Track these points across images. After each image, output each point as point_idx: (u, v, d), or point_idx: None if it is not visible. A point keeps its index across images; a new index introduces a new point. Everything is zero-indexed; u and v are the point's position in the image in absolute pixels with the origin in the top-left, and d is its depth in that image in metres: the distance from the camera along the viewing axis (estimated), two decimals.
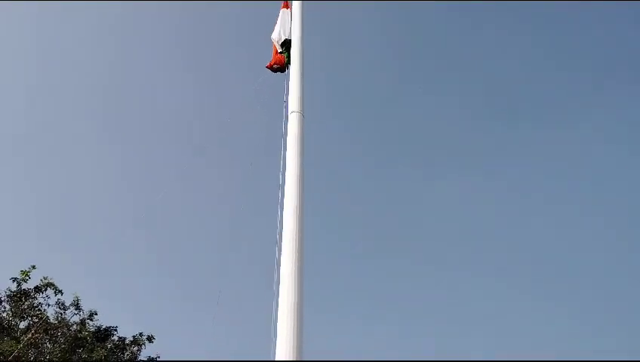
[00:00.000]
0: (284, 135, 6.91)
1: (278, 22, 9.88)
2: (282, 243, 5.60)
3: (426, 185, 38.46)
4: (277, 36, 9.55)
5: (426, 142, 39.41)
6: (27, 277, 16.71)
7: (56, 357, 15.83)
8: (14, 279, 16.60)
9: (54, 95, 39.88)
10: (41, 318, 16.47)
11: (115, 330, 17.54)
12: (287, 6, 10.01)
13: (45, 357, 15.88)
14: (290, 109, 6.96)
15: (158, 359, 17.59)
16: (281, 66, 9.04)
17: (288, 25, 9.33)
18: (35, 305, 16.67)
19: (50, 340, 16.47)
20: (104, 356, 16.37)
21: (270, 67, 9.21)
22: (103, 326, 17.37)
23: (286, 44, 9.14)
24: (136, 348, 17.46)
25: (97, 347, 16.62)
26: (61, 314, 16.88)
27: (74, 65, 40.91)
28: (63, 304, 16.92)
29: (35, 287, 16.74)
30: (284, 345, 4.79)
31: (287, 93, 7.38)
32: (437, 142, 38.80)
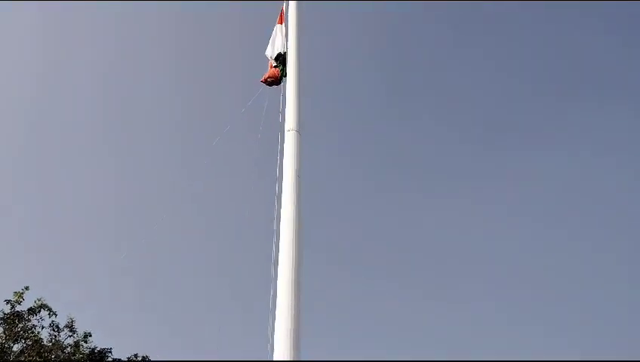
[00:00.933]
0: (280, 153, 6.85)
1: (273, 37, 9.83)
2: (279, 256, 5.61)
3: (421, 202, 38.38)
4: (271, 51, 9.50)
5: (421, 161, 39.43)
6: (21, 299, 16.47)
7: None
8: (8, 301, 16.35)
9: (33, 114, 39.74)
10: (35, 341, 16.20)
11: (110, 352, 17.26)
12: (281, 21, 9.96)
13: None
14: (286, 127, 6.86)
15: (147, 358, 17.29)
16: (275, 80, 8.94)
17: (283, 39, 9.28)
18: (28, 327, 16.40)
19: None
20: None
21: (265, 81, 9.12)
22: (98, 349, 17.08)
23: (280, 58, 9.07)
24: None
25: None
26: (55, 336, 16.61)
27: (66, 79, 40.82)
28: (57, 326, 16.66)
29: (29, 309, 16.49)
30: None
31: (284, 109, 7.28)
32: (432, 161, 38.83)
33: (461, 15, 37.82)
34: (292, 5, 8.93)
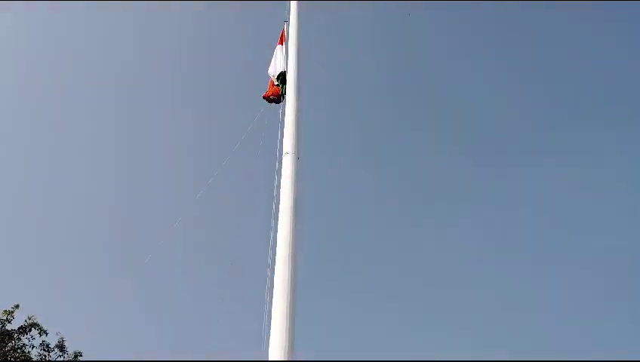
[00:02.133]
0: (277, 176, 6.77)
1: (274, 57, 9.86)
2: (275, 269, 5.59)
3: (421, 225, 38.05)
4: (273, 70, 9.58)
5: (423, 183, 39.20)
6: (11, 317, 16.22)
7: None
8: None
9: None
10: (25, 360, 15.92)
11: None
12: (282, 42, 9.98)
13: None
14: (284, 150, 6.78)
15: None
16: (276, 97, 9.01)
17: (283, 59, 9.36)
18: (18, 346, 16.13)
19: None
20: None
21: (266, 97, 9.20)
22: None
23: (281, 77, 9.10)
24: None
25: None
26: (45, 356, 16.33)
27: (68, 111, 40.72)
28: (47, 345, 16.40)
29: (19, 328, 16.24)
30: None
31: (283, 131, 7.22)
32: (434, 183, 38.58)
33: (463, 26, 37.83)
34: (292, 26, 8.92)
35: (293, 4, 9.23)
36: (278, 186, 6.64)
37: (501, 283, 34.82)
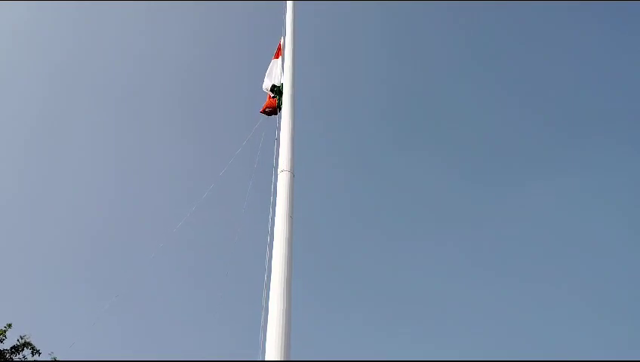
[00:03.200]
0: (273, 193, 6.65)
1: (269, 71, 9.88)
2: (271, 286, 5.59)
3: (416, 244, 37.75)
4: (268, 83, 9.63)
5: (417, 201, 38.93)
6: (3, 337, 15.91)
7: None
8: None
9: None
10: None
11: None
12: (277, 56, 9.97)
13: None
14: (279, 168, 6.64)
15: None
16: (273, 109, 9.03)
17: (278, 72, 9.40)
18: None
19: None
20: None
21: (264, 111, 9.23)
22: None
23: (276, 89, 9.19)
24: None
25: None
26: None
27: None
28: None
29: (12, 347, 15.93)
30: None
31: (278, 148, 7.10)
32: (429, 202, 38.31)
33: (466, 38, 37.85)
34: (289, 39, 8.89)
35: (289, 18, 9.17)
36: (274, 202, 6.55)
37: (493, 303, 34.57)
